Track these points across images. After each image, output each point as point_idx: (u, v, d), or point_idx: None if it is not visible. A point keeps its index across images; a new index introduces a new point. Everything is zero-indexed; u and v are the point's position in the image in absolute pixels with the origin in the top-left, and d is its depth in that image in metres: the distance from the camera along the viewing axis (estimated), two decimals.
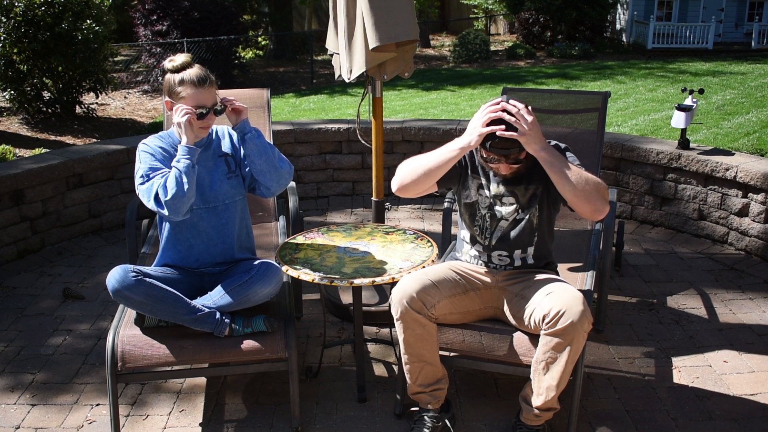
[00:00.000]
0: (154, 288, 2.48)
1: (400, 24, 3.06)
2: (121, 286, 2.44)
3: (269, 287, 2.58)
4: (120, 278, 2.44)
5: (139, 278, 2.46)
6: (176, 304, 2.51)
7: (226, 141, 2.75)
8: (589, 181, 2.28)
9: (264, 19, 20.18)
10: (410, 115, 9.45)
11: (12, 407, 2.83)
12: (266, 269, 2.59)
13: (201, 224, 2.67)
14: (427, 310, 2.44)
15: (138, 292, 2.46)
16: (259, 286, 2.56)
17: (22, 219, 4.31)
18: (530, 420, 2.50)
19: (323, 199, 5.46)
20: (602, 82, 12.52)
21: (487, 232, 2.56)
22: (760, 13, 19.75)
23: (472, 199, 2.56)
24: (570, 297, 2.32)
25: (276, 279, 2.59)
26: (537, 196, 2.49)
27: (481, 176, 2.54)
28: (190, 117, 2.48)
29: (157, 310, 2.51)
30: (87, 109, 9.52)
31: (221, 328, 2.54)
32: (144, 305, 2.49)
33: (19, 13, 7.88)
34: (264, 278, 2.57)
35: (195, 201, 2.64)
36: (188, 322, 2.53)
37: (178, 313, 2.51)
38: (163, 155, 2.57)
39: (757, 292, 3.80)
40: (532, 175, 2.48)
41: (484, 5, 21.65)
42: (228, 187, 2.69)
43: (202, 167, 2.66)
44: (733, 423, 2.69)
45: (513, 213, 2.51)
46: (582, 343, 2.34)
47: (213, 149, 2.72)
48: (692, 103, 4.49)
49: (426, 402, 2.60)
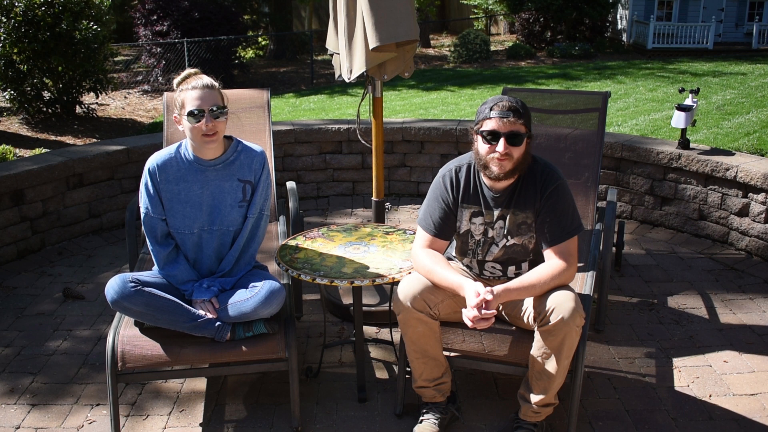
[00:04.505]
0: (153, 297, 2.48)
1: (400, 24, 3.06)
2: (120, 297, 2.44)
3: (270, 308, 2.53)
4: (119, 289, 2.45)
5: (138, 288, 2.46)
6: (176, 313, 2.50)
7: (252, 166, 2.66)
8: (553, 278, 2.39)
9: (264, 19, 20.18)
10: (410, 115, 9.45)
11: (12, 407, 2.82)
12: (269, 291, 2.52)
13: (203, 244, 2.67)
14: (430, 309, 2.45)
15: (137, 302, 2.46)
16: (261, 307, 2.51)
17: (22, 219, 4.31)
18: (529, 416, 2.52)
19: (323, 199, 5.46)
20: (602, 82, 12.52)
21: (479, 249, 2.59)
22: (760, 13, 19.75)
23: (464, 229, 2.58)
24: (561, 294, 2.35)
25: (278, 301, 2.54)
26: (529, 226, 2.51)
27: (473, 204, 2.54)
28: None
29: (156, 319, 2.52)
30: (87, 109, 9.53)
31: (222, 333, 2.54)
32: (143, 315, 2.50)
33: (19, 13, 7.88)
34: (266, 300, 2.50)
35: (203, 222, 2.64)
36: (189, 329, 2.53)
37: (178, 321, 2.51)
38: (155, 190, 2.61)
39: (757, 292, 3.79)
40: (525, 202, 2.48)
41: (484, 5, 21.65)
42: (237, 215, 2.66)
43: (215, 186, 2.62)
44: (733, 423, 2.69)
45: (503, 239, 2.54)
46: (576, 338, 2.35)
47: (233, 170, 2.64)
48: (692, 103, 4.49)
49: (431, 396, 2.63)
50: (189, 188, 2.61)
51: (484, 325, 2.29)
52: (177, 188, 2.61)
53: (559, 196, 2.46)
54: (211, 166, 2.62)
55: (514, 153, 2.39)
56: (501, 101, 2.40)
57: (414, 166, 5.46)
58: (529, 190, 2.48)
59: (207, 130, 2.50)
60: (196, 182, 2.61)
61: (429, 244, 2.55)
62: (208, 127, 2.50)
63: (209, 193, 2.62)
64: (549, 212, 2.45)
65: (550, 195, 2.45)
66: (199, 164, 2.61)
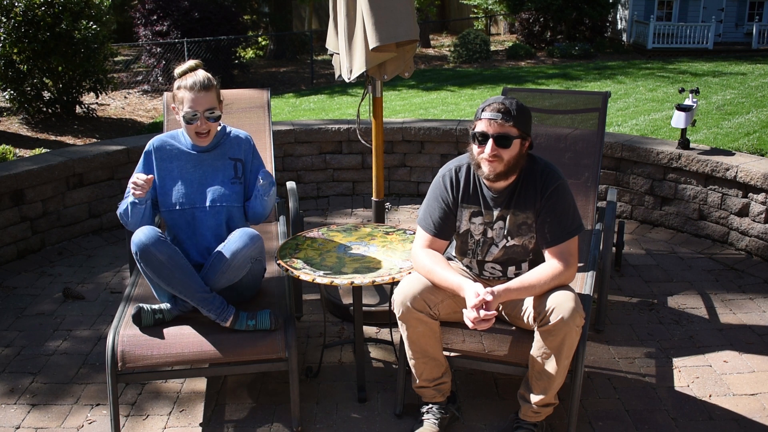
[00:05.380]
0: (177, 254, 2.53)
1: (400, 24, 3.06)
2: (149, 241, 2.45)
3: (245, 246, 2.53)
4: (148, 234, 2.47)
5: (165, 239, 2.52)
6: (192, 277, 2.53)
7: (241, 146, 2.80)
8: (553, 279, 2.38)
9: (264, 19, 20.19)
10: (410, 115, 9.45)
11: (12, 407, 2.83)
12: (241, 231, 2.57)
13: (196, 223, 2.71)
14: (430, 309, 2.45)
15: (163, 251, 2.47)
16: (236, 247, 2.52)
17: (22, 219, 4.31)
18: (529, 416, 2.52)
19: (323, 199, 5.46)
20: (602, 82, 12.53)
21: (479, 250, 2.59)
22: (760, 13, 19.75)
23: (463, 229, 2.58)
24: (560, 294, 2.34)
25: (251, 236, 2.55)
26: (530, 226, 2.51)
27: (473, 204, 2.54)
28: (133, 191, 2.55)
29: (173, 278, 2.50)
30: (87, 109, 9.53)
31: (226, 314, 2.54)
32: (164, 268, 2.48)
33: (19, 13, 7.88)
34: (239, 238, 2.54)
35: (195, 199, 2.70)
36: (197, 300, 2.53)
37: (191, 287, 2.52)
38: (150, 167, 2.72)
39: (757, 292, 3.79)
40: (525, 202, 2.48)
41: (484, 5, 21.65)
42: (230, 191, 2.74)
43: (207, 166, 2.74)
44: (733, 423, 2.69)
45: (503, 239, 2.53)
46: (575, 338, 2.35)
47: (224, 149, 2.78)
48: (692, 103, 4.50)
49: (431, 396, 2.63)
50: (182, 166, 2.74)
51: (484, 326, 2.29)
52: (171, 165, 2.74)
53: (559, 196, 2.46)
54: (204, 151, 2.77)
55: (504, 155, 2.38)
56: (494, 102, 2.40)
57: (414, 166, 5.46)
58: (529, 190, 2.48)
59: (201, 130, 2.67)
60: (190, 161, 2.75)
61: (429, 244, 2.55)
62: (202, 128, 2.67)
63: (201, 172, 2.75)
64: (549, 212, 2.45)
65: (550, 195, 2.45)
66: (195, 151, 2.76)
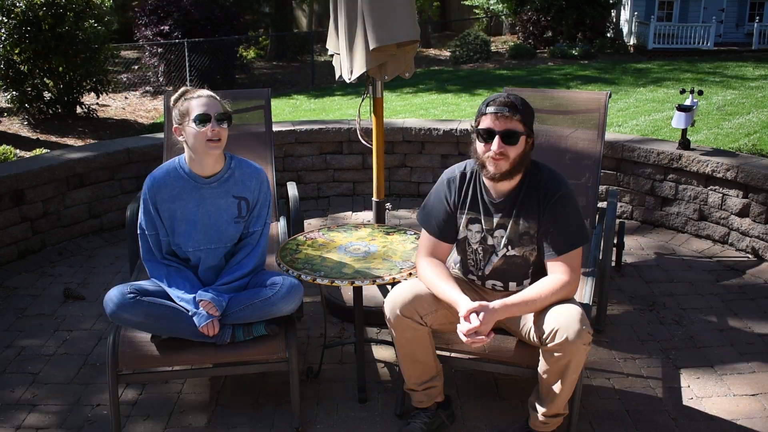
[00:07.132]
0: (153, 306, 2.49)
1: (401, 25, 3.06)
2: (119, 308, 2.46)
3: (292, 304, 2.56)
4: (117, 300, 2.46)
5: (137, 298, 2.48)
6: (176, 320, 2.51)
7: (246, 183, 2.65)
8: (555, 293, 2.33)
9: (264, 19, 20.20)
10: (411, 115, 9.46)
11: (12, 407, 2.83)
12: (290, 287, 2.55)
13: (200, 262, 2.67)
14: (420, 317, 2.42)
15: (136, 312, 2.47)
16: (283, 304, 2.53)
17: (23, 219, 4.31)
18: (538, 426, 2.47)
19: (324, 199, 5.46)
20: (602, 82, 12.52)
21: (481, 263, 2.53)
22: (760, 14, 19.74)
23: (461, 236, 2.53)
24: (564, 312, 2.26)
25: (299, 296, 2.57)
26: (531, 237, 2.43)
27: (471, 210, 2.49)
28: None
29: (157, 328, 2.53)
30: (88, 109, 9.54)
31: (223, 338, 2.54)
32: (144, 325, 2.51)
33: (20, 13, 7.89)
34: (288, 296, 2.53)
35: (200, 241, 2.63)
36: (189, 335, 2.53)
37: (179, 329, 2.52)
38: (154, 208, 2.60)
39: (757, 293, 3.79)
40: (528, 212, 2.41)
41: (485, 5, 21.65)
42: (233, 231, 2.66)
43: (210, 204, 2.61)
44: (733, 423, 2.68)
45: (503, 248, 2.46)
46: (583, 355, 2.28)
47: (228, 187, 2.63)
48: (692, 103, 4.49)
49: (419, 400, 2.60)
50: (185, 206, 2.60)
51: (478, 342, 2.24)
52: (173, 207, 2.60)
53: (563, 205, 2.37)
54: (206, 184, 2.61)
55: (510, 152, 2.31)
56: (498, 97, 2.34)
57: (414, 167, 5.46)
58: (532, 199, 2.40)
59: (212, 135, 2.50)
60: (192, 200, 2.60)
61: (432, 250, 2.51)
62: (213, 132, 2.50)
63: (204, 211, 2.61)
64: (552, 222, 2.37)
65: (554, 204, 2.36)
66: (195, 181, 2.60)
